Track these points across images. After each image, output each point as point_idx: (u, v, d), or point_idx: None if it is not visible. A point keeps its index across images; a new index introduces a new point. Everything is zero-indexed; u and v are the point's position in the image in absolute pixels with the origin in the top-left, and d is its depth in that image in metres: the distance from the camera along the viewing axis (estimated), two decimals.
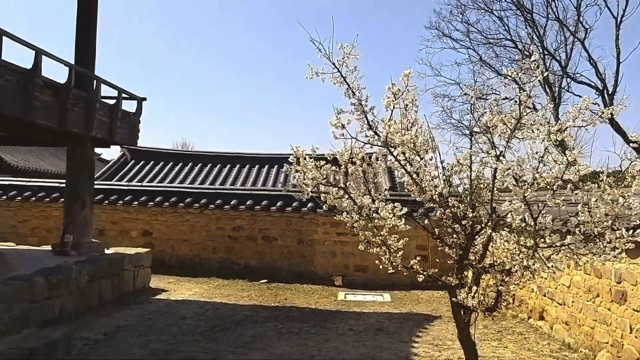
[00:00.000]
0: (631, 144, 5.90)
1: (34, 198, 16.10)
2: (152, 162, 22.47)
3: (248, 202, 15.57)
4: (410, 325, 9.83)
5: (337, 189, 4.98)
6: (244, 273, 15.23)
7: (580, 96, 18.90)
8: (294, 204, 15.19)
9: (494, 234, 4.69)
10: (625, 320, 6.94)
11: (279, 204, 15.43)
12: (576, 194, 4.32)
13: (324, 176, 4.94)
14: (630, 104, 5.74)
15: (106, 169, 22.18)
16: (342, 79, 5.52)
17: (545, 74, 6.18)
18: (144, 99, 12.61)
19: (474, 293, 6.13)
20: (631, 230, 4.03)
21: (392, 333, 9.24)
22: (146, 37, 77.34)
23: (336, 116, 4.77)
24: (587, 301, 7.96)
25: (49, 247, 11.80)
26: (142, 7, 72.10)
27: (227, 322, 9.66)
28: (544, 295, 9.46)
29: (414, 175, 5.00)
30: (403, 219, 4.92)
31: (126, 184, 17.31)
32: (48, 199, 16.08)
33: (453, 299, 6.27)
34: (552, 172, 4.54)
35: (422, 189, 5.01)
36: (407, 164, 5.26)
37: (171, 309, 10.48)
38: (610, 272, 7.34)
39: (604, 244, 4.05)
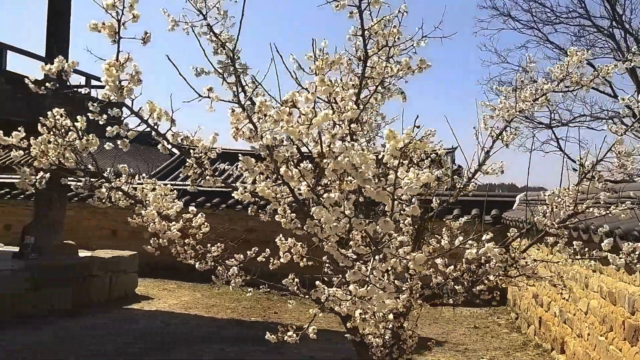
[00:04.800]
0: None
1: None
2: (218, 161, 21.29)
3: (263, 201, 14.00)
4: None
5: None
6: (254, 279, 13.70)
7: None
8: None
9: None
10: None
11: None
12: None
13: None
14: None
15: (164, 166, 21.13)
16: (209, 29, 3.89)
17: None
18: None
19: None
20: None
21: None
22: None
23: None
24: (601, 335, 5.64)
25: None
26: None
27: (172, 341, 8.18)
28: (564, 322, 7.11)
29: None
30: None
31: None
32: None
33: (348, 335, 4.40)
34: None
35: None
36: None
37: (125, 323, 9.16)
38: (624, 298, 5.04)
39: None
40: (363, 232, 1.99)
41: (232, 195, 2.88)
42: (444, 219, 4.37)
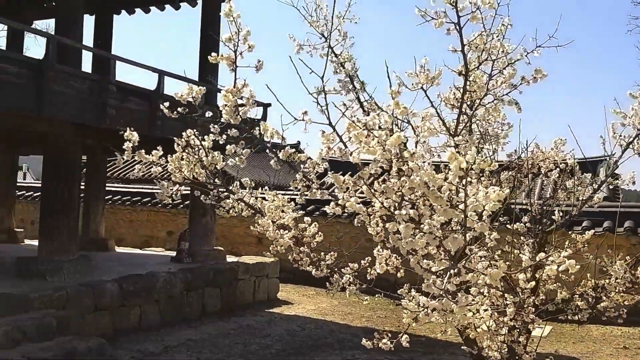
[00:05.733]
0: None
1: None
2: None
3: None
4: None
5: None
6: (394, 291, 13.81)
7: None
8: None
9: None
10: None
11: None
12: None
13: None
14: None
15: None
16: (330, 50, 4.24)
17: None
18: (269, 104, 12.25)
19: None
20: None
21: None
22: None
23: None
24: None
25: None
26: None
27: (307, 345, 8.58)
28: None
29: None
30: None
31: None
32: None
33: (465, 347, 4.41)
34: None
35: None
36: None
37: (266, 325, 9.75)
38: None
39: None
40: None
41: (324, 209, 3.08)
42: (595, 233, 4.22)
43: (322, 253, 4.04)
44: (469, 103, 3.57)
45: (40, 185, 12.62)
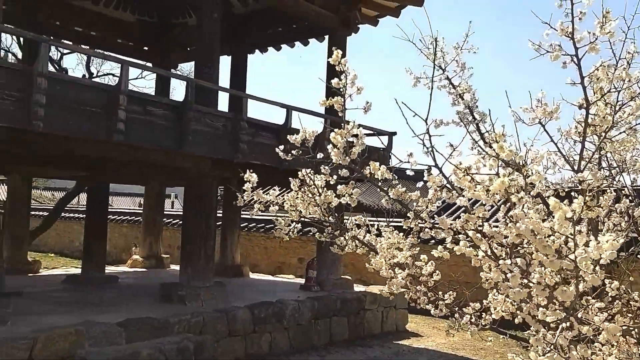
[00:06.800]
0: None
1: None
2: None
3: None
4: None
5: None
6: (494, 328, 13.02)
7: None
8: None
9: None
10: None
11: None
12: None
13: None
14: None
15: (443, 206, 21.74)
16: (448, 81, 4.26)
17: None
18: (394, 133, 12.26)
19: None
20: None
21: None
22: None
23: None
24: None
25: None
26: None
27: None
28: None
29: None
30: None
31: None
32: None
33: None
34: None
35: None
36: None
37: (393, 357, 9.64)
38: None
39: None
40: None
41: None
42: None
43: (440, 292, 3.92)
44: (596, 136, 3.32)
45: None
